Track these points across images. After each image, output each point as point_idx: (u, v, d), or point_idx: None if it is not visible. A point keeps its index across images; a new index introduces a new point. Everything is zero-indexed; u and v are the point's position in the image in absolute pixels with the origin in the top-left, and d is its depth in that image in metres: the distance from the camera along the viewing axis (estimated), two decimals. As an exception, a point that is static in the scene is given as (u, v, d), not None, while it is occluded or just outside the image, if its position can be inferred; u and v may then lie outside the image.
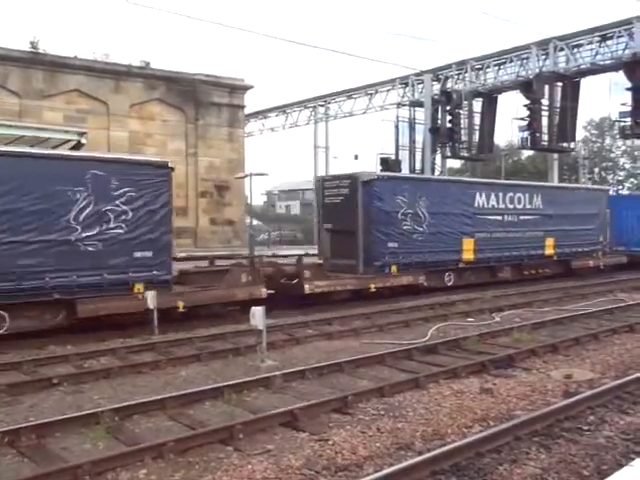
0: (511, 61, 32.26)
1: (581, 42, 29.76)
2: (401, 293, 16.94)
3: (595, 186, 33.90)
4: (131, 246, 12.12)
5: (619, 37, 28.37)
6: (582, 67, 30.01)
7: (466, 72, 33.53)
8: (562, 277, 21.33)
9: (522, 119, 29.93)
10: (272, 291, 14.08)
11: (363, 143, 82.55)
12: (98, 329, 11.73)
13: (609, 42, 28.78)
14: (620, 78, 27.78)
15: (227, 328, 12.38)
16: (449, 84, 34.52)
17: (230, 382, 7.97)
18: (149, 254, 12.34)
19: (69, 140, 15.91)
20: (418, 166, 35.74)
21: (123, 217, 11.99)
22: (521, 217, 20.52)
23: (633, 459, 5.02)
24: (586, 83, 33.20)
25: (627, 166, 70.52)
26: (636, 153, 68.19)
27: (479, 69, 33.55)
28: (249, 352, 10.07)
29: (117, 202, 11.90)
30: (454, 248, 18.46)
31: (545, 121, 29.80)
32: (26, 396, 7.86)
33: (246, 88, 33.40)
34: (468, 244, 18.75)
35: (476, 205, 19.18)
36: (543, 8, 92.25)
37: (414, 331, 12.19)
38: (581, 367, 9.13)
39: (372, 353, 9.78)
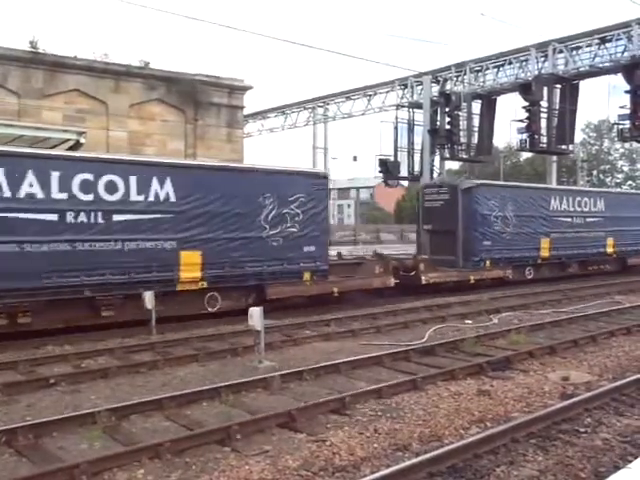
0: (510, 63, 32.29)
1: (580, 44, 29.79)
2: (489, 286, 19.38)
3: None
4: (301, 242, 14.79)
5: (618, 40, 28.40)
6: (581, 69, 30.04)
7: (465, 74, 33.56)
8: (619, 273, 23.78)
9: (521, 121, 29.94)
10: (397, 281, 17.13)
11: (362, 144, 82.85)
12: (97, 329, 11.73)
13: (608, 45, 28.82)
14: (619, 81, 27.82)
15: (225, 328, 12.38)
16: (448, 86, 34.54)
17: (228, 383, 7.97)
18: (313, 248, 15.01)
19: (68, 140, 15.90)
20: (417, 168, 35.75)
21: (296, 218, 14.66)
22: (587, 219, 23.18)
23: (630, 461, 5.03)
24: (585, 86, 33.36)
25: (625, 169, 70.77)
26: (634, 156, 68.37)
27: (478, 71, 33.58)
28: (247, 353, 10.06)
29: (292, 206, 14.58)
30: (534, 246, 21.05)
31: (544, 123, 29.80)
32: (23, 395, 7.85)
33: (245, 89, 33.42)
34: (545, 243, 21.42)
35: (551, 208, 21.77)
36: (542, 10, 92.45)
37: (412, 333, 12.20)
38: (578, 369, 9.14)
39: (370, 354, 9.78)
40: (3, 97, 24.94)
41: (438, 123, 33.61)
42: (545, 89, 29.57)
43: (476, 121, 33.61)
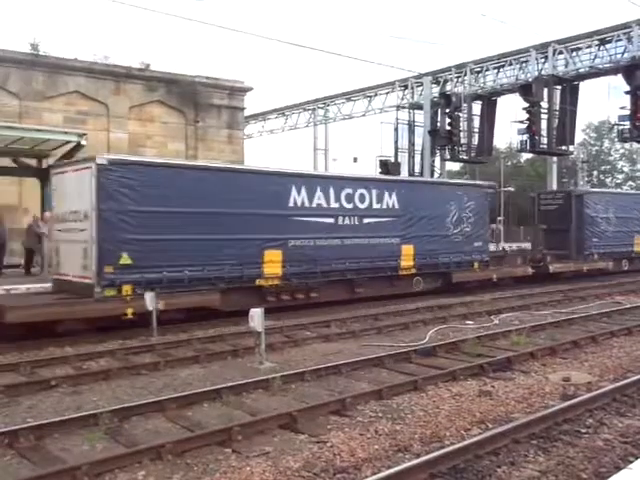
0: (510, 64, 32.31)
1: (580, 46, 29.81)
2: (595, 275, 22.99)
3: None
4: (472, 238, 18.89)
5: (618, 41, 28.42)
6: (581, 70, 30.06)
7: (465, 75, 33.58)
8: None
9: (521, 122, 29.95)
10: (533, 270, 20.88)
11: (362, 145, 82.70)
12: (98, 331, 11.73)
13: (608, 46, 28.84)
14: (619, 81, 27.84)
15: (226, 330, 12.39)
16: (448, 87, 34.55)
17: (229, 384, 7.97)
18: (480, 243, 19.21)
19: (69, 141, 15.93)
20: (417, 169, 35.76)
21: (469, 220, 18.76)
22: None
23: (631, 462, 5.03)
24: (585, 86, 33.33)
25: (625, 169, 70.72)
26: (634, 156, 68.35)
27: (478, 72, 33.60)
28: (248, 354, 10.07)
29: (467, 211, 18.69)
30: (629, 242, 25.18)
31: (544, 124, 29.81)
32: (24, 397, 7.85)
33: (246, 90, 33.44)
34: (638, 239, 25.51)
35: None
36: (542, 12, 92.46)
37: (413, 333, 12.20)
38: (579, 370, 9.14)
39: (370, 355, 9.78)
40: (4, 99, 24.98)
41: (438, 124, 33.63)
42: (545, 90, 29.58)
43: (476, 122, 33.62)
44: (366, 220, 16.23)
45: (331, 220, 15.49)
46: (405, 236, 17.11)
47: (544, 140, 30.00)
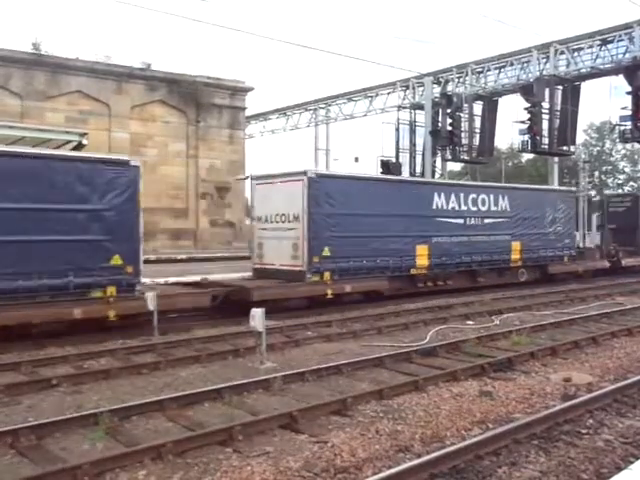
0: (512, 64, 32.29)
1: (581, 46, 29.79)
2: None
3: None
4: (563, 236, 22.00)
5: (619, 41, 28.40)
6: (582, 71, 30.04)
7: (467, 75, 33.57)
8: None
9: (522, 122, 29.94)
10: (609, 264, 23.86)
11: (363, 145, 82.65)
12: (99, 331, 11.74)
13: (609, 46, 28.82)
14: (620, 82, 27.83)
15: (226, 329, 12.39)
16: (450, 87, 34.54)
17: (229, 384, 7.97)
18: (568, 240, 22.32)
19: (70, 141, 15.94)
20: (418, 169, 35.75)
21: (561, 220, 21.86)
22: None
23: (632, 462, 5.03)
24: (586, 87, 33.27)
25: (627, 170, 70.58)
26: (636, 157, 68.27)
27: (480, 72, 33.58)
28: (248, 354, 10.07)
29: (559, 212, 21.87)
30: None
31: (545, 124, 29.80)
32: (25, 397, 7.85)
33: (247, 90, 33.47)
34: None
35: None
36: (544, 12, 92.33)
37: (413, 334, 12.19)
38: (580, 370, 9.13)
39: (371, 356, 9.78)
40: (6, 99, 25.01)
41: (440, 124, 33.61)
42: (547, 90, 29.57)
43: (477, 122, 33.61)
44: (486, 220, 19.44)
45: (461, 220, 18.67)
46: (514, 234, 20.21)
47: (545, 140, 30.00)
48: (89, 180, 11.57)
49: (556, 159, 34.47)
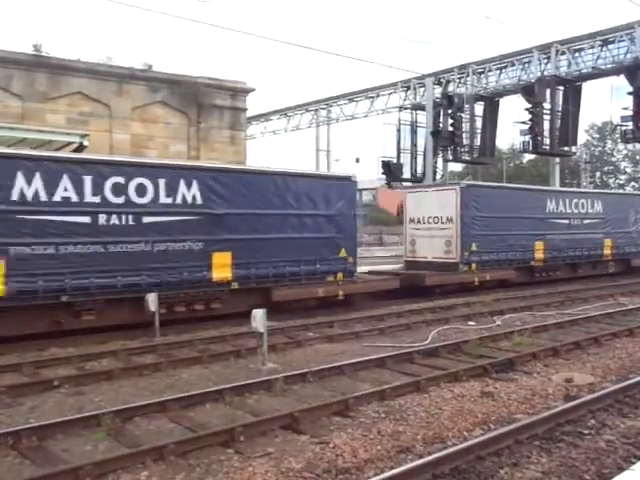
0: (513, 65, 32.29)
1: (583, 46, 29.79)
2: None
3: None
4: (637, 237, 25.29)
5: (620, 41, 28.40)
6: (584, 71, 30.04)
7: (468, 76, 33.57)
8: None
9: (524, 123, 29.96)
10: None
11: (365, 146, 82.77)
12: (100, 332, 11.75)
13: (610, 46, 28.82)
14: (622, 82, 27.82)
15: (228, 330, 12.39)
16: (451, 88, 34.54)
17: (231, 384, 7.98)
18: None
19: (71, 142, 15.97)
20: (420, 170, 35.77)
21: (638, 221, 25.21)
22: None
23: (634, 463, 5.02)
24: (588, 87, 33.28)
25: (628, 170, 70.66)
26: (637, 157, 68.25)
27: (481, 73, 33.59)
28: (250, 354, 10.08)
29: (638, 215, 25.10)
30: None
31: (547, 125, 29.81)
32: (27, 398, 7.86)
33: (248, 91, 33.48)
34: None
35: None
36: (545, 12, 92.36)
37: (415, 334, 12.19)
38: (582, 371, 9.13)
39: (373, 356, 9.78)
40: (7, 100, 25.03)
41: (441, 125, 33.60)
42: (548, 91, 29.57)
43: (479, 123, 33.63)
44: (585, 221, 22.80)
45: (567, 221, 22.07)
46: (606, 232, 23.39)
47: (547, 141, 30.01)
48: (327, 192, 15.35)
49: (557, 159, 34.48)
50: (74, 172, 11.58)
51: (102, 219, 11.84)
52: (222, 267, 13.33)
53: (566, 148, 31.38)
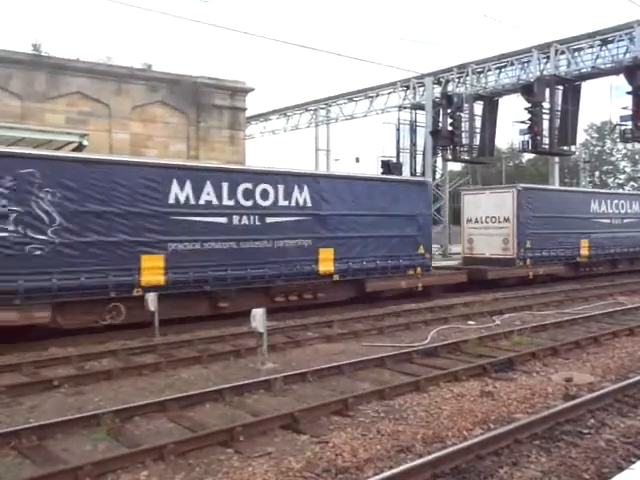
0: (512, 64, 32.27)
1: (582, 46, 29.77)
2: None
3: None
4: None
5: (620, 41, 28.38)
6: (583, 71, 30.02)
7: (467, 75, 33.55)
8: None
9: (523, 122, 29.92)
10: None
11: (364, 146, 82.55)
12: (100, 331, 11.75)
13: (610, 46, 28.80)
14: (621, 82, 27.80)
15: (227, 330, 12.39)
16: (450, 87, 34.51)
17: (230, 384, 7.98)
18: None
19: (71, 142, 15.96)
20: (419, 169, 35.74)
21: None
22: None
23: (634, 462, 5.03)
24: (587, 87, 33.26)
25: (627, 169, 70.66)
26: (637, 157, 68.29)
27: (480, 72, 33.56)
28: (249, 354, 10.08)
29: None
30: None
31: (546, 124, 29.78)
32: (26, 397, 7.87)
33: (247, 91, 33.46)
34: None
35: None
36: (544, 12, 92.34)
37: (414, 334, 12.20)
38: (581, 370, 9.13)
39: (372, 356, 9.78)
40: (6, 100, 25.01)
41: (440, 124, 33.56)
42: (547, 90, 29.54)
43: (478, 122, 33.58)
44: (625, 220, 24.84)
45: (608, 220, 23.79)
46: None
47: (546, 140, 29.97)
48: (408, 195, 17.27)
49: (557, 159, 34.44)
50: (215, 179, 13.37)
51: (236, 220, 13.70)
52: (326, 261, 15.28)
53: (565, 147, 31.35)
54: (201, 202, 13.11)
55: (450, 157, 34.68)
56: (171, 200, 12.67)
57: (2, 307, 10.59)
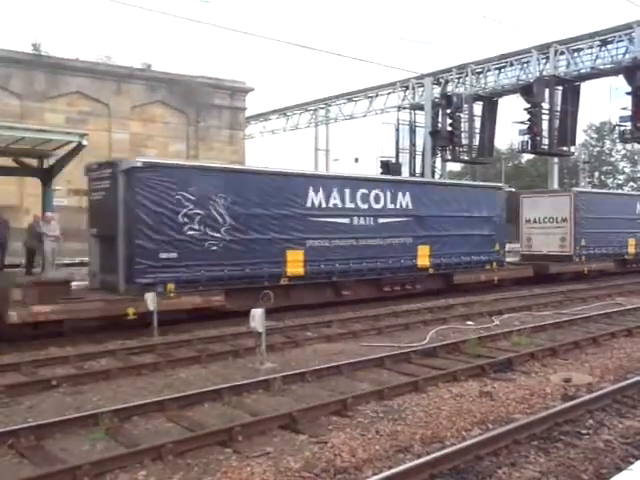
0: (512, 65, 32.33)
1: (581, 46, 29.83)
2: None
3: None
4: None
5: (619, 42, 28.45)
6: (582, 71, 30.07)
7: (467, 76, 33.60)
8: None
9: (522, 123, 29.97)
10: None
11: (363, 146, 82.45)
12: (100, 331, 11.74)
13: (609, 46, 28.86)
14: (620, 82, 27.85)
15: (226, 330, 12.38)
16: (449, 87, 34.57)
17: (229, 384, 7.97)
18: None
19: (70, 142, 15.93)
20: (418, 169, 35.77)
21: None
22: None
23: (632, 463, 5.03)
24: (586, 87, 33.31)
25: (627, 170, 70.61)
26: (636, 157, 68.29)
27: (480, 73, 33.61)
28: (248, 354, 10.07)
29: None
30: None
31: (545, 125, 29.83)
32: (25, 397, 7.86)
33: (247, 91, 33.47)
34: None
35: None
36: (544, 12, 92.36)
37: (413, 334, 12.19)
38: (580, 371, 9.13)
39: (371, 356, 9.77)
40: (5, 99, 25.00)
41: (439, 125, 33.62)
42: (546, 91, 29.59)
43: (477, 123, 33.64)
44: None
45: None
46: None
47: (545, 141, 30.02)
48: (487, 199, 19.51)
49: (556, 159, 34.51)
50: (340, 186, 15.70)
51: (355, 220, 16.01)
52: (423, 257, 17.60)
53: (565, 148, 31.40)
54: (330, 205, 15.47)
55: (449, 157, 34.73)
56: (308, 204, 15.04)
57: (189, 293, 12.94)
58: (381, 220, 16.52)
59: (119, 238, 12.56)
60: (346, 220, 15.77)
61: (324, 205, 15.32)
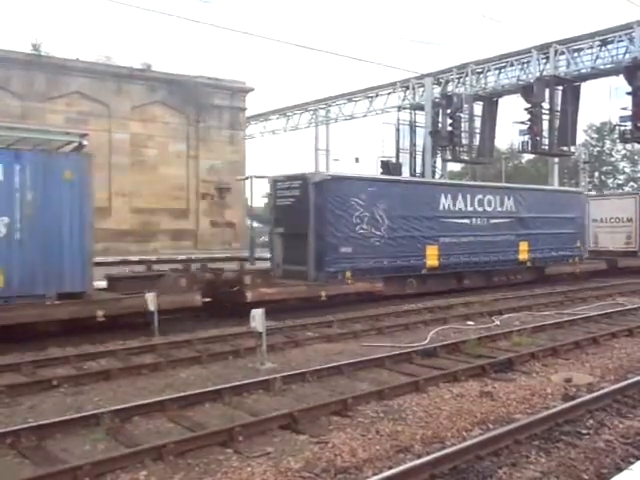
0: (512, 65, 32.31)
1: (582, 46, 29.81)
2: None
3: None
4: None
5: (619, 41, 28.43)
6: (582, 71, 30.06)
7: (467, 76, 33.59)
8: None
9: (522, 123, 29.96)
10: None
11: (364, 146, 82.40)
12: (100, 331, 11.74)
13: (609, 46, 28.85)
14: (620, 82, 27.83)
15: (227, 330, 12.39)
16: (450, 87, 34.56)
17: (230, 384, 7.97)
18: None
19: (71, 142, 15.93)
20: (419, 169, 35.76)
21: None
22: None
23: (632, 463, 5.03)
24: (586, 87, 33.27)
25: (627, 170, 70.56)
26: (636, 157, 68.25)
27: (480, 73, 33.60)
28: (249, 354, 10.07)
29: None
30: None
31: (545, 125, 29.82)
32: (25, 397, 7.85)
33: (247, 91, 33.47)
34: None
35: None
36: (544, 12, 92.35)
37: (414, 334, 12.19)
38: (581, 371, 9.13)
39: (372, 356, 9.77)
40: (6, 99, 25.01)
41: (440, 125, 33.61)
42: (547, 91, 29.58)
43: (477, 123, 33.63)
44: None
45: None
46: None
47: (545, 141, 30.01)
48: (570, 202, 22.59)
49: (556, 159, 34.48)
50: (463, 192, 19.05)
51: (474, 221, 19.16)
52: (523, 252, 20.51)
53: (565, 148, 31.38)
54: (456, 208, 18.58)
55: (450, 157, 34.72)
56: (441, 207, 18.18)
57: (361, 279, 15.99)
58: (492, 220, 19.59)
59: (310, 236, 15.54)
60: (467, 220, 18.92)
61: (452, 208, 18.48)
